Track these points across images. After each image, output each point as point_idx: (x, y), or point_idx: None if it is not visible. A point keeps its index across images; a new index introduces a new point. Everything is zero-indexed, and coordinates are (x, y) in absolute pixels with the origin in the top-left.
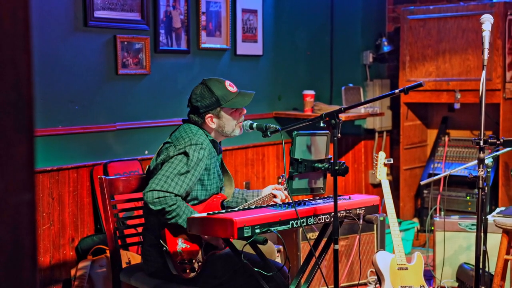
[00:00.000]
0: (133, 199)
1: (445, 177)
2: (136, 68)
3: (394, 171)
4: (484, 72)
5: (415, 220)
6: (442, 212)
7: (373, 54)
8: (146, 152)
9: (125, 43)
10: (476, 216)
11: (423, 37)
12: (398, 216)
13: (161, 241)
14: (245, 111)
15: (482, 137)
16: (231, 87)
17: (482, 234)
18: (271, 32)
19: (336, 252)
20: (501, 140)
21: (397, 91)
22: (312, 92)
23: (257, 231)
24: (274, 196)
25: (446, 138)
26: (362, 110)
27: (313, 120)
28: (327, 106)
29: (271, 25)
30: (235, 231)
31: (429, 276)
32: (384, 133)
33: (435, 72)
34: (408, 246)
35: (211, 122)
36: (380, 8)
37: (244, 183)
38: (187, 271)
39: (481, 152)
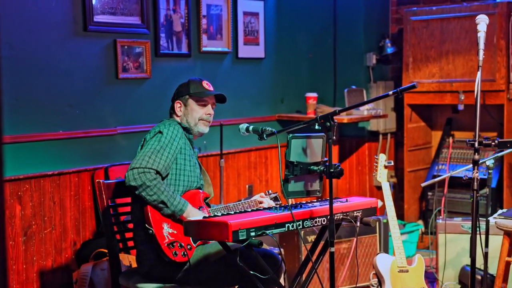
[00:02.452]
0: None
1: (448, 178)
2: (137, 72)
3: (398, 173)
4: (479, 74)
5: (420, 222)
6: (445, 214)
7: (377, 55)
8: None
9: (126, 47)
10: (477, 218)
11: (426, 38)
12: (402, 218)
13: (146, 225)
14: (212, 111)
15: (477, 138)
16: (207, 85)
17: (484, 236)
18: (273, 35)
19: (332, 255)
20: (496, 141)
21: (390, 92)
22: (314, 95)
23: (252, 234)
24: (261, 203)
25: (451, 140)
26: (365, 112)
27: (308, 123)
28: (330, 109)
29: (273, 28)
30: (230, 234)
31: (432, 278)
32: (388, 135)
33: (439, 73)
34: (413, 249)
35: (179, 109)
36: (383, 10)
37: (247, 186)
38: (178, 254)
39: (476, 153)
